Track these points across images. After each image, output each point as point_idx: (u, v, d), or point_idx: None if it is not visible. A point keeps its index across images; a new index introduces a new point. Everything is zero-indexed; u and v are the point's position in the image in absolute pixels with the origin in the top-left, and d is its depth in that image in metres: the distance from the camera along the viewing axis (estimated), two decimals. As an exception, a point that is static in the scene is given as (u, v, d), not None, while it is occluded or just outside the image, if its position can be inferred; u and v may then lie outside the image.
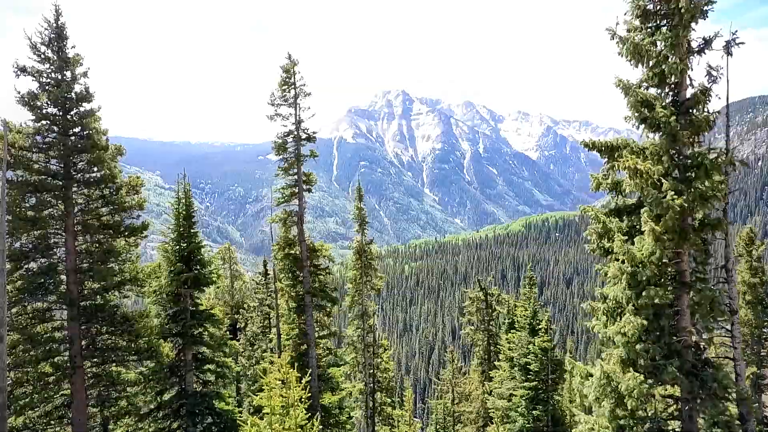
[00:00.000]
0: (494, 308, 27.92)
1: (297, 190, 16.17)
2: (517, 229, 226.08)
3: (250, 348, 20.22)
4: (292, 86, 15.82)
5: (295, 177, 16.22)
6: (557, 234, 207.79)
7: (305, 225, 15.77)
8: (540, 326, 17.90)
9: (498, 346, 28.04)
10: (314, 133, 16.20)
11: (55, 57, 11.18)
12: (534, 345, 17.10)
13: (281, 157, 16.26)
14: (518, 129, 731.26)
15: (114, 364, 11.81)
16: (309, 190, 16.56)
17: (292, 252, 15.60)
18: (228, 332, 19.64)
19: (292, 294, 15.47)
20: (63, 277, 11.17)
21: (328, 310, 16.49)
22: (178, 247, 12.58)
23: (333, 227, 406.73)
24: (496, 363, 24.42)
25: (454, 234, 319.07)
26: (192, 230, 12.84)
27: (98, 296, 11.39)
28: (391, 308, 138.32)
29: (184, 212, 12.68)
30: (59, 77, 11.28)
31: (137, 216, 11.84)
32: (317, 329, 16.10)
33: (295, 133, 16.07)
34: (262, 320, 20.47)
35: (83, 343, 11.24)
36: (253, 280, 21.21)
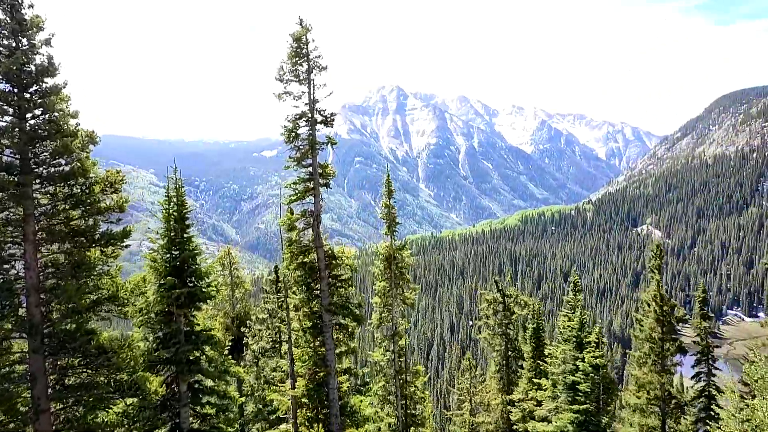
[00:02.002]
0: (513, 311, 25.89)
1: (312, 185, 13.62)
2: (513, 224, 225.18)
3: (257, 366, 17.77)
4: (305, 58, 12.99)
5: (310, 169, 13.62)
6: (553, 228, 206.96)
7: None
8: (589, 339, 15.64)
9: (517, 352, 26.06)
10: (332, 115, 13.55)
11: (8, 18, 8.73)
12: (583, 362, 14.86)
13: (292, 145, 13.47)
14: (513, 123, 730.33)
15: (89, 404, 9.44)
16: (327, 185, 13.87)
17: (307, 260, 13.09)
18: (230, 349, 17.23)
19: (307, 310, 12.95)
20: (22, 297, 8.87)
21: (350, 329, 13.88)
22: (168, 256, 10.26)
23: (329, 224, 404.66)
24: (531, 373, 22.27)
25: (450, 229, 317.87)
26: (186, 234, 10.47)
27: (68, 321, 9.07)
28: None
29: (175, 213, 10.34)
30: (13, 44, 8.81)
31: (117, 220, 9.53)
32: (336, 347, 13.63)
33: (309, 115, 13.37)
34: (273, 334, 17.99)
35: (50, 380, 8.97)
36: (263, 288, 18.63)
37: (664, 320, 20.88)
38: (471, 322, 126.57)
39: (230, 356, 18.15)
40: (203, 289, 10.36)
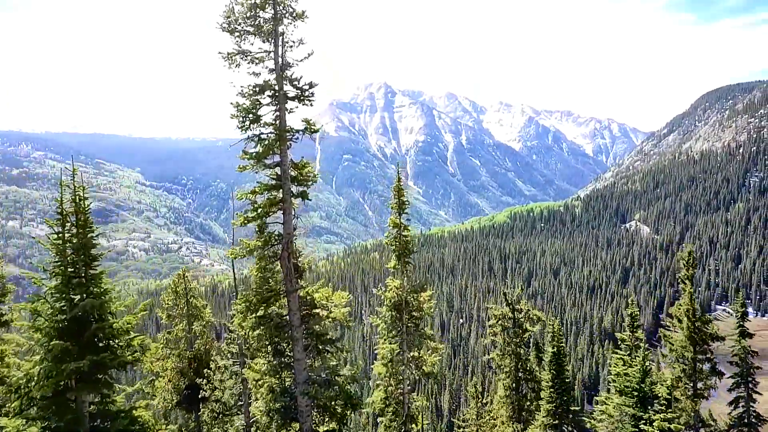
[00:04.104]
0: (525, 328, 23.09)
1: (281, 195, 9.14)
2: (502, 220, 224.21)
3: (218, 428, 14.02)
4: (269, 0, 8.41)
5: (277, 170, 9.22)
6: (542, 224, 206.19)
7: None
8: (657, 393, 12.13)
9: (529, 373, 23.33)
10: (310, 87, 9.05)
11: None
12: (651, 425, 11.32)
13: (249, 133, 9.08)
14: (500, 120, 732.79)
15: None
16: (304, 195, 9.40)
17: (273, 311, 8.52)
18: (185, 398, 13.87)
19: (276, 384, 8.47)
20: None
21: (339, 413, 8.69)
22: (63, 304, 6.98)
23: (317, 221, 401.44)
24: (551, 406, 19.46)
25: (438, 226, 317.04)
26: (91, 270, 7.17)
27: None
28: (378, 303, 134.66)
29: (74, 240, 7.01)
30: None
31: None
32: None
33: (276, 87, 8.91)
34: (238, 385, 14.22)
35: None
36: (227, 326, 14.68)
37: (697, 338, 18.28)
38: (461, 321, 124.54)
39: (185, 410, 14.85)
40: (118, 353, 7.10)
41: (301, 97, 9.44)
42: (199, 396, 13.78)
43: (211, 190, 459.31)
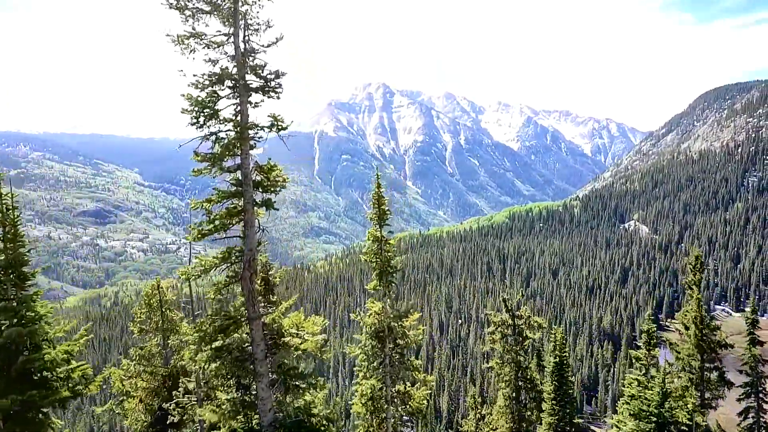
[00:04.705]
0: (525, 335, 22.32)
1: (242, 204, 8.26)
2: (500, 220, 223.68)
3: None
4: None
5: (238, 175, 8.17)
6: (541, 224, 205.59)
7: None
8: (677, 417, 11.03)
9: (529, 382, 22.59)
10: (277, 77, 7.71)
11: None
12: None
13: (206, 130, 7.93)
14: (499, 120, 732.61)
15: None
16: (269, 204, 8.20)
17: (234, 339, 7.17)
18: (156, 421, 12.86)
19: (239, 428, 7.31)
20: None
21: None
22: None
23: (316, 222, 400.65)
24: (554, 419, 18.69)
25: (437, 226, 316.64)
26: (23, 291, 6.37)
27: None
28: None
29: (1, 256, 6.18)
30: None
31: None
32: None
33: (236, 76, 7.66)
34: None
35: None
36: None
37: (705, 346, 17.46)
38: (460, 321, 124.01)
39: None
40: (55, 387, 6.29)
41: (266, 88, 8.16)
42: (167, 422, 12.70)
43: (210, 190, 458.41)
